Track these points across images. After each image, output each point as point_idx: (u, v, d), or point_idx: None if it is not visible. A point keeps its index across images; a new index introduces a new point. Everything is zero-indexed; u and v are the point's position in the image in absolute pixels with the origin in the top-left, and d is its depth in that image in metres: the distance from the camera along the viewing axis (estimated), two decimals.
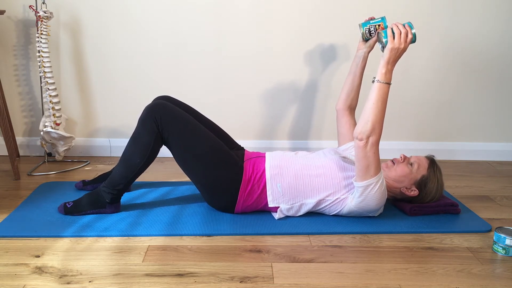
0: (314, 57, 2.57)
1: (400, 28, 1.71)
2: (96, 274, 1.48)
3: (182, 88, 2.55)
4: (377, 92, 1.71)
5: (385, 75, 1.71)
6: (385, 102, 1.72)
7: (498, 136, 2.75)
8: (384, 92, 1.71)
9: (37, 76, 2.53)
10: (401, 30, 1.71)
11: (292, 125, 2.68)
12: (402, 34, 1.70)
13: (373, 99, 1.71)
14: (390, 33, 1.72)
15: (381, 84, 1.71)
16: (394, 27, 1.72)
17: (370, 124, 1.70)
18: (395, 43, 1.70)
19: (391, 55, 1.71)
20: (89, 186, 2.11)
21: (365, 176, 1.74)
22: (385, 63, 1.72)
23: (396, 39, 1.71)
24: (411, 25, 1.74)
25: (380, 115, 1.71)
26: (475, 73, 2.64)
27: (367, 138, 1.70)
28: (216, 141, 1.86)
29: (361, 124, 1.72)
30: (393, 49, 1.71)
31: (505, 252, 1.67)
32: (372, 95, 1.72)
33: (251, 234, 1.77)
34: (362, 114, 1.73)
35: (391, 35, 1.71)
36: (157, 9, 2.47)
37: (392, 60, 1.72)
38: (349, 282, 1.48)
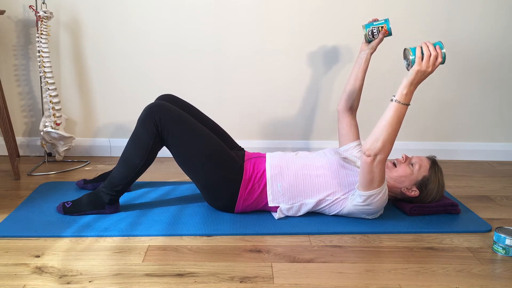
0: (315, 57, 2.57)
1: (431, 49, 1.59)
2: (96, 274, 1.48)
3: (182, 88, 2.55)
4: (393, 112, 1.64)
5: (405, 96, 1.62)
6: (400, 122, 1.65)
7: (498, 136, 2.75)
8: (401, 113, 1.64)
9: (37, 76, 2.53)
10: (431, 52, 1.59)
11: (292, 125, 2.68)
12: (431, 57, 1.58)
13: (388, 119, 1.64)
14: (419, 53, 1.60)
15: (399, 104, 1.63)
16: (424, 47, 1.60)
17: (380, 143, 1.65)
18: (423, 65, 1.59)
19: (416, 77, 1.61)
20: (90, 185, 2.11)
21: (368, 187, 1.74)
22: (408, 84, 1.62)
23: (424, 61, 1.59)
24: (441, 45, 1.61)
25: (393, 135, 1.66)
26: (475, 73, 2.64)
27: (374, 156, 1.67)
28: (216, 141, 1.86)
29: (371, 141, 1.66)
30: (419, 71, 1.60)
31: (505, 252, 1.67)
32: (388, 114, 1.64)
33: (251, 234, 1.77)
34: (373, 131, 1.67)
35: (420, 56, 1.59)
36: (157, 9, 2.47)
37: (416, 82, 1.62)
38: (349, 282, 1.48)
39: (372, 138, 1.66)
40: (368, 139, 1.68)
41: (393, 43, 2.46)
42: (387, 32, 2.02)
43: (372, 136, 1.67)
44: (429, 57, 1.59)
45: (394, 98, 1.64)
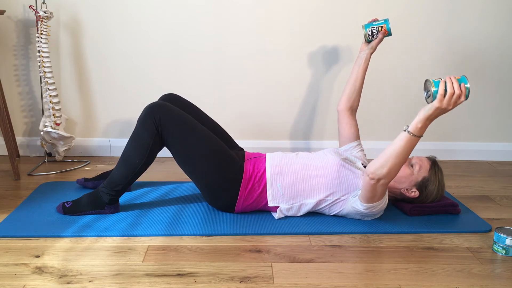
0: (315, 57, 2.57)
1: (455, 87, 1.50)
2: (96, 274, 1.48)
3: (182, 88, 2.55)
4: (405, 143, 1.59)
5: (420, 129, 1.58)
6: (409, 153, 1.62)
7: (498, 136, 2.75)
8: (412, 144, 1.60)
9: (37, 76, 2.53)
10: (455, 90, 1.50)
11: (292, 125, 2.68)
12: (454, 96, 1.50)
13: (397, 148, 1.60)
14: (441, 89, 1.51)
15: (412, 137, 1.58)
16: (448, 83, 1.51)
17: (386, 170, 1.64)
18: (444, 103, 1.51)
19: (434, 113, 1.54)
20: (90, 183, 2.12)
21: (369, 201, 1.76)
22: (424, 119, 1.56)
23: (446, 99, 1.51)
24: (466, 81, 1.52)
25: (400, 164, 1.64)
26: (475, 73, 2.63)
27: (378, 180, 1.66)
28: (216, 141, 1.86)
29: (377, 165, 1.64)
30: (439, 108, 1.52)
31: (505, 252, 1.67)
32: (398, 143, 1.60)
33: (251, 234, 1.77)
34: (381, 156, 1.64)
35: (442, 93, 1.50)
36: (157, 9, 2.47)
37: (433, 117, 1.56)
38: (349, 282, 1.48)
39: (378, 163, 1.64)
40: (374, 163, 1.65)
41: (393, 43, 2.47)
42: (386, 32, 2.02)
43: (378, 161, 1.65)
44: (452, 95, 1.50)
45: (408, 129, 1.58)
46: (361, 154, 2.05)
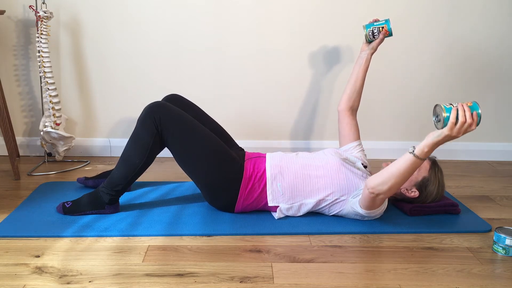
0: (316, 57, 2.57)
1: (467, 116, 1.47)
2: (96, 274, 1.48)
3: (182, 88, 2.55)
4: (409, 164, 1.58)
5: (426, 153, 1.56)
6: (412, 174, 1.61)
7: (498, 136, 2.75)
8: (416, 166, 1.59)
9: (37, 76, 2.53)
10: (467, 119, 1.47)
11: (292, 126, 2.68)
12: (465, 124, 1.48)
13: (401, 169, 1.59)
14: (453, 117, 1.47)
15: (417, 159, 1.56)
16: (460, 112, 1.47)
17: (387, 187, 1.64)
18: (454, 131, 1.49)
19: (443, 140, 1.52)
20: (90, 181, 2.12)
21: (368, 208, 1.77)
22: (432, 144, 1.54)
23: (457, 128, 1.48)
24: (477, 108, 1.48)
25: (401, 183, 1.64)
26: (475, 73, 2.64)
27: (377, 195, 1.67)
28: (216, 140, 1.86)
29: (378, 181, 1.64)
30: (448, 136, 1.50)
31: (505, 252, 1.67)
32: (402, 164, 1.59)
33: (251, 234, 1.77)
34: (383, 173, 1.63)
35: (453, 121, 1.47)
36: (157, 9, 2.47)
37: (441, 143, 1.54)
38: (349, 282, 1.48)
39: (380, 180, 1.64)
40: (376, 179, 1.65)
41: (393, 43, 2.47)
42: (387, 32, 2.02)
43: (380, 177, 1.64)
44: (463, 123, 1.48)
45: (414, 151, 1.56)
46: (361, 154, 2.05)
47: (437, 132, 1.52)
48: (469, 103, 1.51)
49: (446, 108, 1.48)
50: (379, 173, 1.66)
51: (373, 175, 1.69)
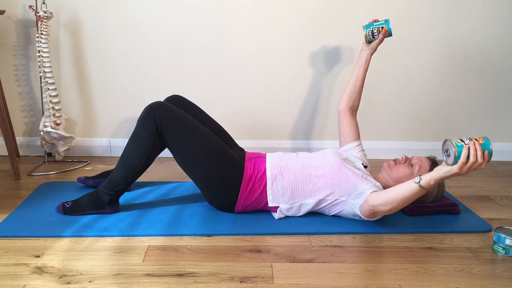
0: (316, 57, 2.57)
1: (478, 156, 1.43)
2: (96, 274, 1.48)
3: (182, 88, 2.55)
4: (413, 193, 1.58)
5: (431, 185, 1.55)
6: (413, 200, 1.62)
7: (498, 136, 2.75)
8: (420, 194, 1.59)
9: (37, 76, 2.53)
10: (478, 159, 1.43)
11: (292, 126, 2.68)
12: (475, 164, 1.45)
13: (404, 196, 1.60)
14: (464, 157, 1.43)
15: (422, 189, 1.56)
16: (472, 151, 1.43)
17: (387, 208, 1.65)
18: (463, 170, 1.45)
19: (451, 176, 1.50)
20: (91, 180, 2.12)
21: (367, 217, 1.78)
22: (439, 179, 1.52)
23: (467, 167, 1.45)
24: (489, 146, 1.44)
25: (402, 207, 1.65)
26: (475, 73, 2.64)
27: (377, 212, 1.70)
28: (216, 140, 1.86)
29: (380, 201, 1.65)
30: (456, 173, 1.48)
31: (505, 252, 1.67)
32: (406, 192, 1.59)
33: (251, 234, 1.77)
34: (386, 195, 1.64)
35: (464, 161, 1.44)
36: (157, 9, 2.47)
37: (448, 178, 1.53)
38: (349, 282, 1.48)
39: (382, 200, 1.65)
40: (378, 198, 1.66)
41: (393, 44, 2.47)
42: (387, 32, 2.03)
43: (382, 197, 1.65)
44: (474, 163, 1.44)
45: (420, 182, 1.54)
46: (361, 154, 2.05)
47: (446, 167, 1.48)
48: (480, 140, 1.46)
49: (458, 146, 1.44)
50: (382, 193, 1.67)
51: (376, 194, 1.69)
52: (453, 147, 1.44)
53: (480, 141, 1.45)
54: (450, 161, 1.45)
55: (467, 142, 1.44)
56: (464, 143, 1.44)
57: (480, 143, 1.44)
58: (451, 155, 1.45)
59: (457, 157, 1.42)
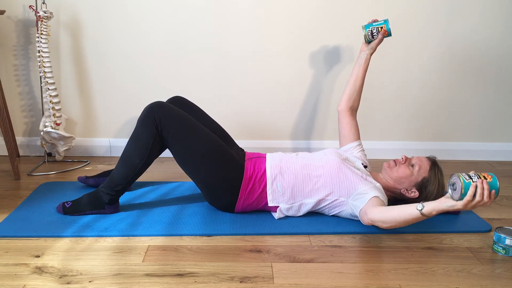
0: (316, 57, 2.57)
1: (485, 195, 1.41)
2: (96, 274, 1.48)
3: (182, 88, 2.55)
4: (414, 218, 1.55)
5: (433, 215, 1.52)
6: (413, 223, 1.61)
7: (498, 136, 2.75)
8: (420, 220, 1.56)
9: (37, 76, 2.53)
10: (484, 198, 1.42)
11: (292, 125, 2.68)
12: (481, 203, 1.43)
13: (405, 219, 1.57)
14: (470, 196, 1.41)
15: (422, 216, 1.53)
16: (479, 190, 1.41)
17: (386, 226, 1.64)
18: (468, 207, 1.44)
19: (454, 209, 1.48)
20: (91, 179, 2.12)
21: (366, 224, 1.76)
22: (442, 210, 1.50)
23: (471, 204, 1.43)
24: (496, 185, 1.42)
25: (401, 226, 1.65)
26: (475, 73, 2.64)
27: (372, 224, 1.68)
28: (216, 140, 1.86)
29: (379, 218, 1.63)
30: (460, 209, 1.46)
31: (505, 252, 1.67)
32: (407, 216, 1.56)
33: (251, 234, 1.77)
34: (386, 212, 1.62)
35: (469, 199, 1.41)
36: (157, 9, 2.47)
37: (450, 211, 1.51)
38: (349, 282, 1.48)
39: (381, 218, 1.63)
40: (377, 215, 1.64)
41: (393, 43, 2.47)
42: (386, 32, 2.03)
43: (382, 215, 1.63)
44: (479, 202, 1.43)
45: (422, 210, 1.51)
46: (361, 154, 2.05)
47: (450, 201, 1.46)
48: (489, 178, 1.43)
49: (465, 183, 1.41)
50: (383, 210, 1.64)
51: (376, 210, 1.66)
52: (460, 183, 1.41)
53: (489, 179, 1.42)
54: (456, 197, 1.42)
55: (475, 179, 1.41)
56: (472, 180, 1.41)
57: (488, 181, 1.42)
58: (457, 189, 1.42)
59: (463, 194, 1.40)
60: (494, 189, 1.41)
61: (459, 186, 1.41)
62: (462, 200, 1.41)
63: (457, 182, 1.42)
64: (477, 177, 1.42)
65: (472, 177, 1.43)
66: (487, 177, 1.43)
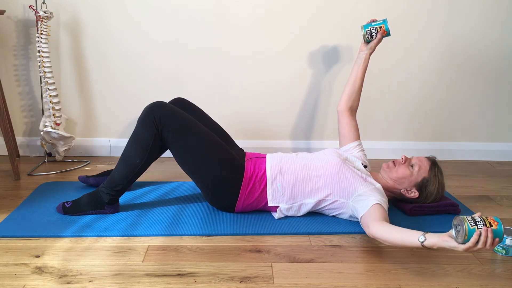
0: (315, 57, 2.57)
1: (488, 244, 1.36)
2: (96, 274, 1.48)
3: (182, 88, 2.55)
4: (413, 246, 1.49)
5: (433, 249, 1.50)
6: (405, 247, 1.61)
7: (498, 136, 2.75)
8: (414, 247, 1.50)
9: (37, 76, 2.53)
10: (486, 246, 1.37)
11: (292, 125, 2.68)
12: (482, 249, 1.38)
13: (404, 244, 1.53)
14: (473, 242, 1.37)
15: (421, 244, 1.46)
16: (482, 238, 1.36)
17: (386, 244, 1.60)
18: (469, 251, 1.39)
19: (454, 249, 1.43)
20: (91, 179, 2.12)
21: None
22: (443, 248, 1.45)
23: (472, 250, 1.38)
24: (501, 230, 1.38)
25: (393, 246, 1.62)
26: (474, 73, 2.64)
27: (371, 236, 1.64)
28: (216, 140, 1.86)
29: (379, 236, 1.58)
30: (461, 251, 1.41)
31: (505, 252, 1.67)
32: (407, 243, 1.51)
33: (251, 234, 1.77)
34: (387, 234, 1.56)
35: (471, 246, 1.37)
36: (157, 9, 2.47)
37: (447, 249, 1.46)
38: (349, 282, 1.48)
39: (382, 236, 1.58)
40: (379, 231, 1.59)
41: (393, 43, 2.47)
42: (385, 32, 2.03)
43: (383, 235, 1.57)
44: (481, 249, 1.38)
45: (423, 243, 1.46)
46: (361, 154, 2.05)
47: (453, 242, 1.41)
48: (494, 225, 1.39)
49: (469, 230, 1.37)
50: (385, 230, 1.58)
51: (378, 226, 1.61)
52: (464, 228, 1.38)
53: (494, 226, 1.38)
54: (459, 240, 1.40)
55: (480, 225, 1.38)
56: (477, 226, 1.38)
57: (493, 228, 1.38)
58: (461, 233, 1.39)
59: (466, 240, 1.38)
60: (498, 237, 1.37)
61: (463, 231, 1.38)
62: (465, 245, 1.38)
63: (461, 225, 1.39)
64: (482, 223, 1.38)
65: (477, 223, 1.39)
66: (492, 224, 1.39)
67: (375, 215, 1.66)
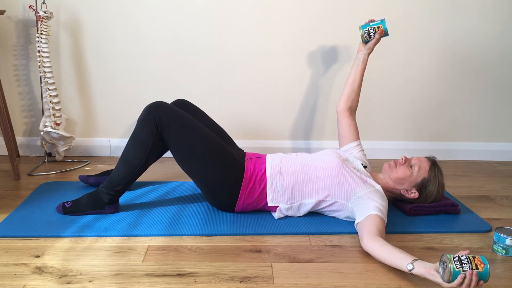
0: (315, 57, 2.57)
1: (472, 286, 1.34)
2: (96, 274, 1.48)
3: (182, 88, 2.55)
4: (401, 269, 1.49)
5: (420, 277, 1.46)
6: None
7: (498, 136, 2.75)
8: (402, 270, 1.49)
9: (37, 76, 2.53)
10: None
11: (292, 125, 2.68)
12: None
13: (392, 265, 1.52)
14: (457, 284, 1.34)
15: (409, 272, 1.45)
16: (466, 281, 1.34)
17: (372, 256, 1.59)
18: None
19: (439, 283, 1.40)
20: (92, 178, 2.13)
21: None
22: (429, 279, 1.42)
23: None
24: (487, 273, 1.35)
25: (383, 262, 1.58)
26: (475, 72, 2.64)
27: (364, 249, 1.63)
28: (216, 140, 1.86)
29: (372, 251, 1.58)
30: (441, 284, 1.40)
31: (505, 252, 1.67)
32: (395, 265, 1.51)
33: (251, 234, 1.77)
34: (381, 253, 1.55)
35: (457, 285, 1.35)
36: (157, 9, 2.47)
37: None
38: (349, 282, 1.48)
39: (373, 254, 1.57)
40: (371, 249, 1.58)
41: (392, 43, 2.47)
42: (383, 32, 2.03)
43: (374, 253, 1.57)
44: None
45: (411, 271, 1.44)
46: (361, 154, 2.05)
47: (439, 278, 1.39)
48: (480, 267, 1.36)
49: (454, 271, 1.35)
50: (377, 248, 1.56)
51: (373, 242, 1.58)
52: (449, 269, 1.36)
53: (480, 269, 1.36)
54: (444, 278, 1.38)
55: (465, 267, 1.35)
56: (462, 268, 1.36)
57: (479, 271, 1.35)
58: (447, 270, 1.38)
59: (451, 280, 1.37)
60: (483, 280, 1.35)
61: (448, 271, 1.37)
62: (449, 284, 1.37)
63: (447, 265, 1.38)
64: (468, 265, 1.36)
65: (463, 265, 1.37)
66: (479, 266, 1.37)
67: (370, 227, 1.64)
